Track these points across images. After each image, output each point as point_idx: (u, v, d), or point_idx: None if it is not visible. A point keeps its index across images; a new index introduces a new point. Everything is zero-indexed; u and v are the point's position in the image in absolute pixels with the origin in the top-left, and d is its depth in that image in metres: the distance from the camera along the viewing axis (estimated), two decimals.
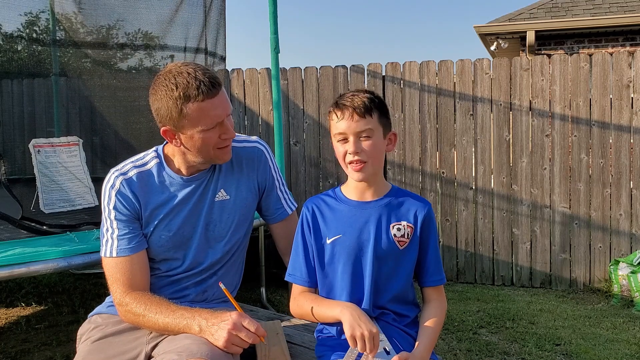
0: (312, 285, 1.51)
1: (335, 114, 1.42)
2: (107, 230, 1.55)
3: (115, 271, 1.52)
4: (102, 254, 1.55)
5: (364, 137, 1.39)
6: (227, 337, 1.33)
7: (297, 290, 1.53)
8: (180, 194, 1.59)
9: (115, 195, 1.54)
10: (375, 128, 1.40)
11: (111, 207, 1.54)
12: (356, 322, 1.31)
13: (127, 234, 1.53)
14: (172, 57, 3.64)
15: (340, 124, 1.40)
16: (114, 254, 1.52)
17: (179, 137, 1.50)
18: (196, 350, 1.33)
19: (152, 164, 1.59)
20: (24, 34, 3.25)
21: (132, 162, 1.60)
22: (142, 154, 1.63)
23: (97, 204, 2.76)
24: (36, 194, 2.59)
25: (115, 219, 1.53)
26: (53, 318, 3.45)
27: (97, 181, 2.83)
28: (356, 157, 1.39)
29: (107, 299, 1.67)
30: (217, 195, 1.63)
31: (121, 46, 3.51)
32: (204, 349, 1.34)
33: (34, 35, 3.38)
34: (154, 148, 1.64)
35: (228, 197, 1.64)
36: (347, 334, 1.31)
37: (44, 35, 3.43)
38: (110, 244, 1.53)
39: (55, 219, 2.57)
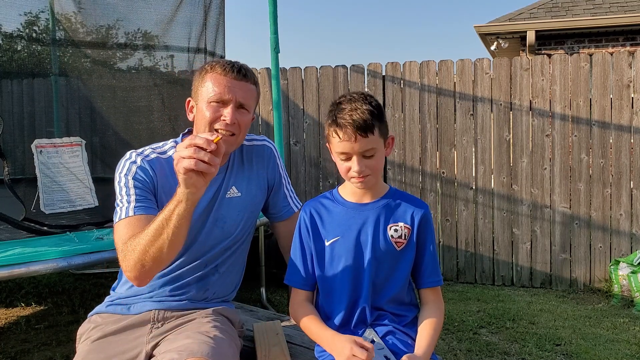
0: (310, 288, 1.52)
1: (337, 134, 1.37)
2: (121, 199, 1.50)
3: (126, 230, 1.43)
4: (115, 220, 1.48)
5: (368, 155, 1.38)
6: (178, 169, 1.25)
7: (295, 296, 1.53)
8: None
9: (136, 169, 1.52)
10: (378, 143, 1.39)
11: (129, 177, 1.51)
12: (340, 350, 1.31)
13: (144, 199, 1.50)
14: (172, 57, 3.64)
15: (342, 145, 1.37)
16: (130, 214, 1.45)
17: (194, 108, 1.57)
18: (197, 350, 1.33)
19: (171, 153, 1.60)
20: (23, 34, 3.24)
21: (152, 148, 1.61)
22: (160, 143, 1.64)
23: (98, 204, 2.76)
24: (37, 194, 2.59)
25: (134, 186, 1.50)
26: (53, 318, 3.45)
27: (97, 181, 2.84)
28: (361, 175, 1.39)
29: (107, 299, 1.66)
30: (228, 192, 1.63)
31: (121, 46, 3.50)
32: (205, 348, 1.34)
33: (34, 35, 3.38)
34: (172, 139, 1.65)
35: (239, 194, 1.65)
36: None
37: (44, 35, 3.43)
38: (126, 208, 1.47)
39: (55, 219, 2.57)
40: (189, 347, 1.35)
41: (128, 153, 1.57)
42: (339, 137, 1.37)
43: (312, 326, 1.44)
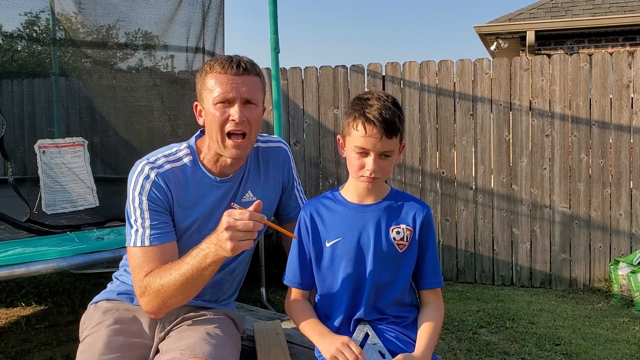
0: (306, 288, 1.52)
1: (363, 127, 1.34)
2: (135, 220, 1.48)
3: (143, 260, 1.44)
4: (129, 243, 1.48)
5: (385, 156, 1.38)
6: (228, 236, 1.26)
7: (291, 292, 1.54)
8: (213, 196, 1.56)
9: (150, 187, 1.48)
10: (396, 146, 1.39)
11: (144, 197, 1.47)
12: (329, 343, 1.33)
13: (159, 224, 1.48)
14: (171, 57, 3.64)
15: (365, 140, 1.35)
16: (146, 243, 1.45)
17: (202, 111, 1.53)
18: (198, 350, 1.34)
19: (186, 160, 1.56)
20: (24, 34, 3.25)
21: (165, 155, 1.54)
22: (173, 148, 1.58)
23: (98, 204, 2.76)
24: (39, 194, 2.58)
25: (149, 209, 1.47)
26: (53, 318, 3.45)
27: (98, 181, 2.84)
28: (373, 175, 1.38)
29: (113, 287, 1.66)
30: (244, 197, 1.61)
31: (121, 46, 3.50)
32: (207, 348, 1.35)
33: (34, 35, 3.38)
34: (185, 143, 1.60)
35: (255, 199, 1.62)
36: (327, 357, 1.33)
37: (44, 35, 3.43)
38: (142, 233, 1.46)
39: (56, 219, 2.57)
40: (191, 347, 1.36)
41: (140, 165, 1.51)
42: (365, 131, 1.34)
43: (305, 320, 1.45)
